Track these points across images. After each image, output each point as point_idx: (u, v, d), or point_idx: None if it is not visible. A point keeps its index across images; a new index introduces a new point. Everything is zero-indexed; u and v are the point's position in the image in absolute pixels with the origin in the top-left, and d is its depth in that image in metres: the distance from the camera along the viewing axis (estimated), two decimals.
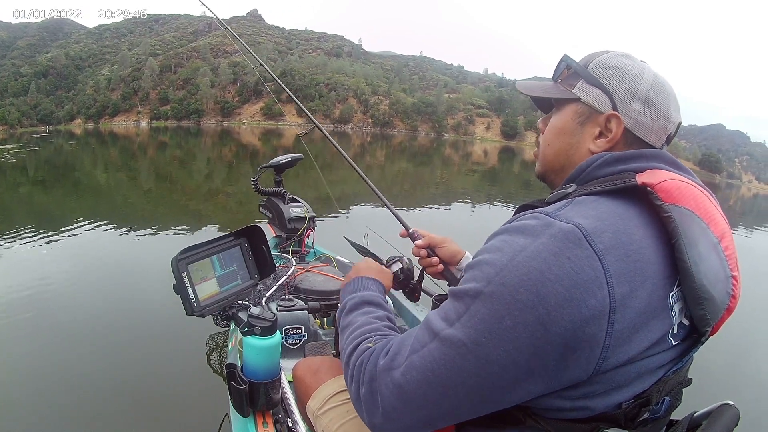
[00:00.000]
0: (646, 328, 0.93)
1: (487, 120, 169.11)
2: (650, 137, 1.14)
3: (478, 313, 0.93)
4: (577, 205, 1.00)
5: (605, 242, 0.90)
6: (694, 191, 1.03)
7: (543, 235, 0.93)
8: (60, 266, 6.52)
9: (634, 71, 1.15)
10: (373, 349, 1.13)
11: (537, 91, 1.31)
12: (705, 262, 0.96)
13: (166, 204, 13.05)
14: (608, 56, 1.19)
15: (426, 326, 1.03)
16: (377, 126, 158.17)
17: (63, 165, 22.70)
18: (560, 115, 1.24)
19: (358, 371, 1.12)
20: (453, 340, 0.95)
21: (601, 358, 0.90)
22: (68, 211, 11.05)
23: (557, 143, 1.24)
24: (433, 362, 0.97)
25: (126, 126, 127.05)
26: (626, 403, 0.97)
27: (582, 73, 1.20)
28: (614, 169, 1.08)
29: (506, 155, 67.11)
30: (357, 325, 1.28)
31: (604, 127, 1.15)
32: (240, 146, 45.72)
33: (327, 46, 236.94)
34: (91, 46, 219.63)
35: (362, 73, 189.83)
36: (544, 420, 0.99)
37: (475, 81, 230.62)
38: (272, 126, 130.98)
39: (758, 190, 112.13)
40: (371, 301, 1.40)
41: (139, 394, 3.68)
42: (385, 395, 1.03)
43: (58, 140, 44.66)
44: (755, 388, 4.72)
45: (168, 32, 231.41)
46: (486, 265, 0.96)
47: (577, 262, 0.88)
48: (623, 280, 0.89)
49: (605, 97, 1.15)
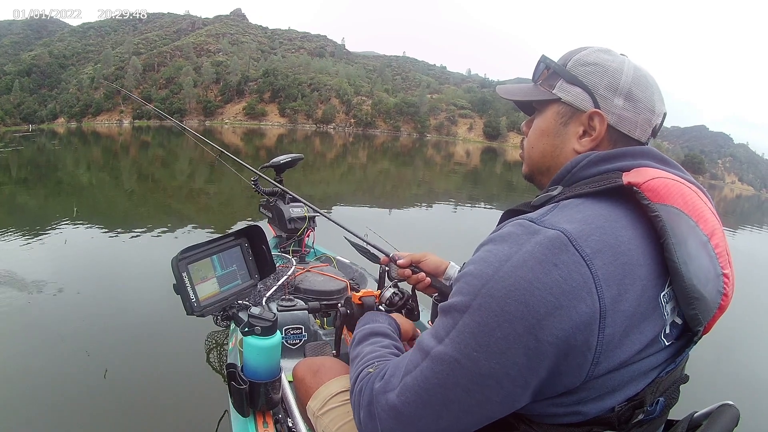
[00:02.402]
0: (637, 330, 0.93)
1: (470, 121, 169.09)
2: (635, 132, 1.13)
3: (467, 327, 0.93)
4: (562, 209, 1.00)
5: (592, 246, 0.90)
6: (682, 189, 1.02)
7: (528, 243, 0.92)
8: (50, 266, 6.43)
9: (613, 66, 1.13)
10: (372, 374, 1.14)
11: (517, 94, 1.30)
12: (694, 261, 0.96)
13: (154, 204, 12.97)
14: (587, 53, 1.17)
15: (418, 346, 1.04)
16: (360, 126, 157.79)
17: (45, 164, 22.48)
18: (543, 116, 1.23)
19: (359, 396, 1.13)
20: (444, 357, 0.95)
21: (594, 363, 0.90)
22: (52, 210, 10.91)
23: (541, 145, 1.23)
24: (426, 381, 0.97)
25: (109, 125, 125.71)
26: (619, 406, 0.96)
27: (561, 72, 1.19)
28: (600, 169, 1.08)
29: (488, 156, 67.13)
30: (363, 355, 1.30)
31: (587, 125, 1.14)
32: (223, 145, 45.40)
33: (310, 46, 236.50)
34: (74, 44, 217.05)
35: (345, 73, 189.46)
36: (537, 425, 0.99)
37: (458, 81, 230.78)
38: (254, 126, 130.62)
39: (741, 191, 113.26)
40: (378, 332, 1.42)
41: (139, 394, 3.67)
42: (383, 418, 1.03)
43: (41, 139, 44.16)
44: (755, 388, 4.74)
45: (151, 31, 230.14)
46: (472, 277, 0.95)
47: (565, 269, 0.88)
48: (612, 283, 0.89)
49: (586, 95, 1.14)
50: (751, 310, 6.76)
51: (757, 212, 43.38)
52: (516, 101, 1.32)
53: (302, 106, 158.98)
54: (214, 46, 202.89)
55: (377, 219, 9.92)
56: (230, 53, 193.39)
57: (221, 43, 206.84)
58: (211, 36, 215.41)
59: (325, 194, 13.01)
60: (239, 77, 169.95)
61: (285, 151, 4.39)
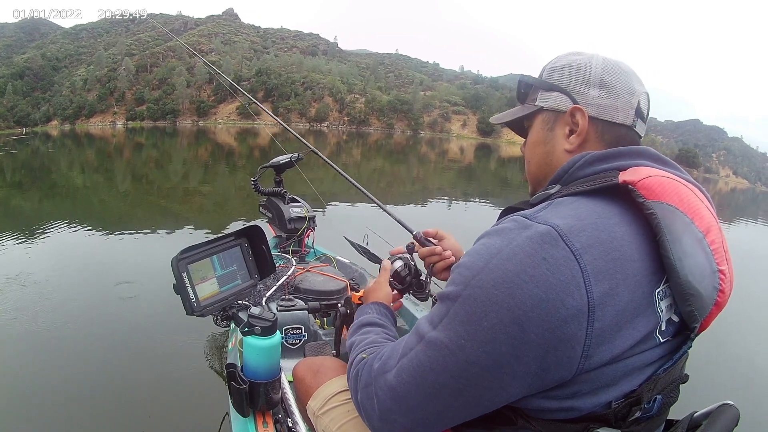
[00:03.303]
0: (630, 325, 0.94)
1: (463, 117, 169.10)
2: (617, 116, 1.16)
3: (457, 315, 0.96)
4: (556, 206, 1.02)
5: (582, 241, 0.92)
6: (677, 186, 1.04)
7: (519, 237, 0.95)
8: (50, 267, 6.45)
9: (582, 62, 1.18)
10: (367, 359, 1.18)
11: (507, 117, 1.35)
12: (690, 258, 0.97)
13: (151, 205, 12.97)
14: (557, 59, 1.24)
15: (415, 330, 1.08)
16: (353, 124, 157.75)
17: (40, 167, 22.44)
18: (533, 130, 1.29)
19: (355, 380, 1.18)
20: (436, 343, 0.99)
21: (584, 356, 0.91)
22: (46, 213, 10.91)
23: (536, 156, 1.28)
24: (420, 364, 1.00)
25: (102, 127, 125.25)
26: (616, 403, 0.97)
27: (538, 84, 1.25)
28: (596, 168, 1.10)
29: (483, 152, 67.15)
30: (356, 344, 1.36)
31: (571, 123, 1.18)
32: (216, 146, 45.41)
33: (302, 45, 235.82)
34: (67, 46, 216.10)
35: (338, 72, 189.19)
36: (535, 420, 1.00)
37: (451, 78, 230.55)
38: (248, 125, 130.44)
39: (736, 185, 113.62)
40: (369, 322, 1.48)
41: (139, 394, 3.68)
42: (380, 397, 1.07)
43: (35, 142, 44.10)
44: (755, 388, 4.74)
45: (144, 32, 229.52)
46: (464, 268, 0.99)
47: (553, 263, 0.89)
48: (603, 278, 0.91)
49: (563, 96, 1.19)
50: (750, 306, 6.76)
51: (752, 205, 43.50)
52: (510, 126, 1.40)
53: (295, 104, 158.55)
54: (207, 46, 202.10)
55: (374, 217, 9.91)
56: (223, 53, 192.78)
57: (214, 42, 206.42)
58: (204, 36, 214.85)
59: (320, 192, 12.96)
60: (232, 77, 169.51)
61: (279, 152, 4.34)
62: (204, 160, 29.77)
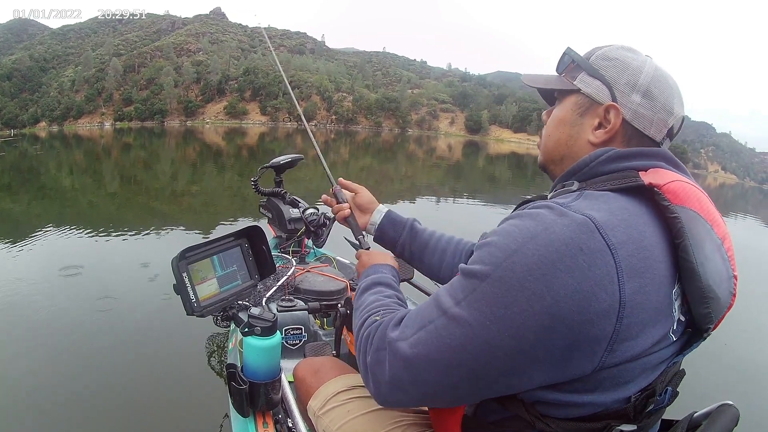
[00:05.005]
0: (652, 325, 0.94)
1: (451, 115, 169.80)
2: (649, 129, 1.14)
3: (485, 296, 0.93)
4: (587, 198, 1.00)
5: (618, 236, 0.90)
6: (698, 193, 1.04)
7: (556, 224, 0.92)
8: (49, 267, 6.42)
9: (634, 64, 1.15)
10: (380, 321, 1.15)
11: (540, 82, 1.33)
12: (711, 263, 0.98)
13: (149, 206, 12.94)
14: (610, 48, 1.20)
15: (435, 301, 1.04)
16: (341, 123, 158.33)
17: (28, 169, 22.30)
18: (561, 106, 1.26)
19: (365, 343, 1.15)
20: (459, 320, 0.96)
21: (608, 351, 0.90)
22: (35, 215, 10.84)
23: (557, 134, 1.25)
24: (439, 339, 0.98)
25: (90, 128, 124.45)
26: (635, 396, 0.98)
27: (583, 65, 1.21)
28: (617, 166, 1.09)
29: (471, 149, 67.38)
30: (367, 303, 1.32)
31: (603, 118, 1.16)
32: (204, 146, 45.30)
33: (290, 44, 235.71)
34: (55, 47, 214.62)
35: (325, 70, 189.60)
36: (553, 421, 0.99)
37: (439, 76, 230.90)
38: (236, 125, 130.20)
39: (725, 180, 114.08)
40: (382, 282, 1.44)
41: (139, 394, 3.68)
42: (393, 364, 1.04)
43: (23, 144, 43.77)
44: (755, 388, 4.75)
45: (131, 32, 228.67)
46: (494, 247, 0.96)
47: (590, 255, 0.88)
48: (634, 275, 0.90)
49: (605, 88, 1.16)
50: (750, 305, 6.76)
51: (741, 200, 43.75)
52: (540, 91, 1.37)
53: (283, 103, 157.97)
54: (194, 46, 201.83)
55: None
56: (210, 52, 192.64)
57: (201, 42, 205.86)
58: (191, 35, 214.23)
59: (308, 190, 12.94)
60: (220, 76, 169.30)
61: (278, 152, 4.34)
62: (192, 159, 29.68)
